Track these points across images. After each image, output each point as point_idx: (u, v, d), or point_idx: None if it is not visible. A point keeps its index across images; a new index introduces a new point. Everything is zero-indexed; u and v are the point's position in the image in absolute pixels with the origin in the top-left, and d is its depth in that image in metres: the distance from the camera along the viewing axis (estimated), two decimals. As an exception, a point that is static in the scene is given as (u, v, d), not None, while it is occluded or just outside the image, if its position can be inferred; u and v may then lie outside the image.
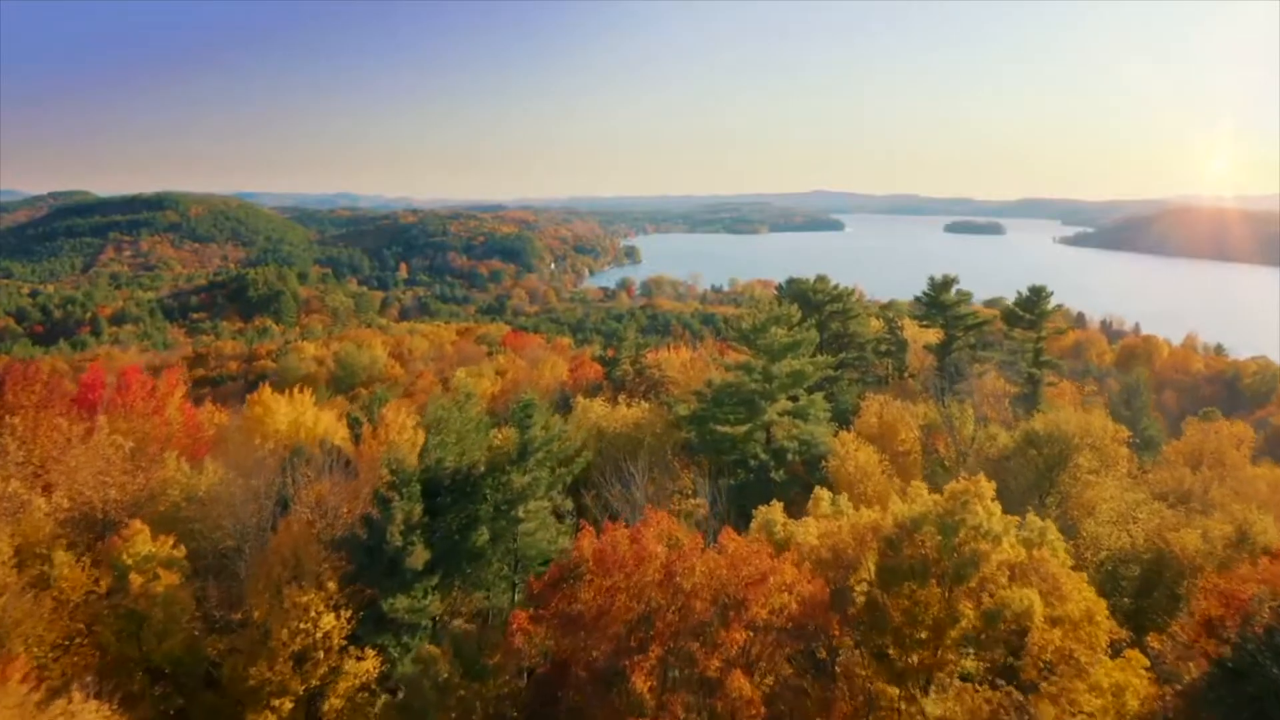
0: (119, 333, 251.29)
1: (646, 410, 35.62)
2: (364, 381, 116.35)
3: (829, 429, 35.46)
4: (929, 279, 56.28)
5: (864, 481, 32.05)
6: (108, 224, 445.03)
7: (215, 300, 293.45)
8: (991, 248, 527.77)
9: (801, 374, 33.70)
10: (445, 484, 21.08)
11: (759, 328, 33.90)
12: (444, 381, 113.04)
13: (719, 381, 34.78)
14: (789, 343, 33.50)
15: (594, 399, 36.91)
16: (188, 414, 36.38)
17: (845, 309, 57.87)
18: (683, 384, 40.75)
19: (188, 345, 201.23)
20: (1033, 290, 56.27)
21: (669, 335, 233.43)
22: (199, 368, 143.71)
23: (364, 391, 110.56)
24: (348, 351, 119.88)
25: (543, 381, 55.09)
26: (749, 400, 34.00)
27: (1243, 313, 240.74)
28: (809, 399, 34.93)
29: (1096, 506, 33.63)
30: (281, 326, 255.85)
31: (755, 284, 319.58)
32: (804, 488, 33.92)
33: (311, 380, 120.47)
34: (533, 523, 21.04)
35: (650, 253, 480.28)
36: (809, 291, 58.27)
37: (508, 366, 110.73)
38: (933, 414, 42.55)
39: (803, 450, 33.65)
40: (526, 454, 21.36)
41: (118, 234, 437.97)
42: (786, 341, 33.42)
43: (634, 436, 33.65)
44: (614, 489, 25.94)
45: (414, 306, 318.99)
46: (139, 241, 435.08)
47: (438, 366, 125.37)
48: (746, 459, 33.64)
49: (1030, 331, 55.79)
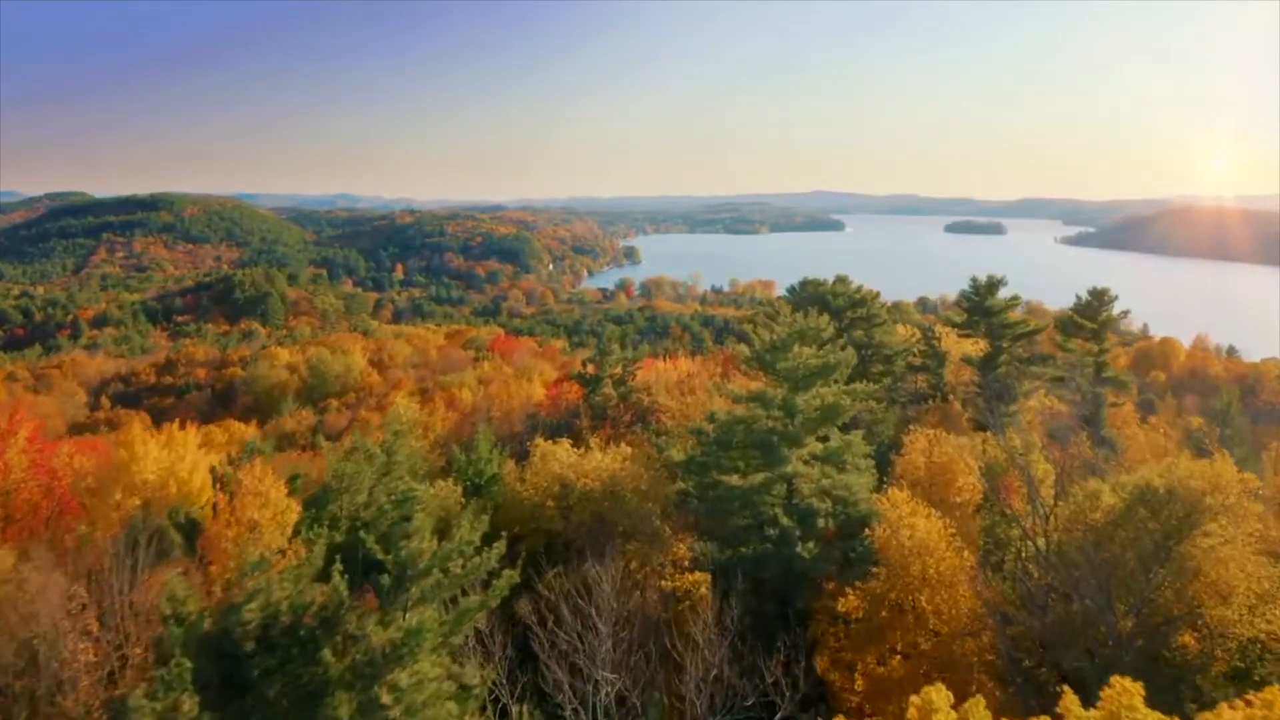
0: (98, 336, 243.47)
1: (627, 457, 26.91)
2: (337, 391, 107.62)
3: (870, 479, 26.67)
4: (971, 280, 47.47)
5: (922, 559, 23.42)
6: (101, 225, 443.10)
7: (201, 302, 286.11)
8: (993, 248, 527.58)
9: (835, 408, 24.99)
10: (268, 635, 12.24)
11: (778, 346, 25.16)
12: (422, 392, 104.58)
13: (724, 416, 26.07)
14: (818, 366, 24.81)
15: (562, 441, 28.07)
16: (36, 460, 27.96)
17: (870, 315, 49.13)
18: (678, 413, 32.17)
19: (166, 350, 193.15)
20: (1094, 294, 47.55)
21: (668, 338, 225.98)
22: (167, 375, 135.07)
23: (335, 403, 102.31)
24: (321, 358, 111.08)
25: (514, 402, 46.50)
26: (765, 442, 25.25)
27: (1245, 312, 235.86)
28: (844, 439, 26.19)
29: (1232, 588, 24.94)
30: (268, 329, 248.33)
31: (756, 284, 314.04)
32: (841, 562, 25.12)
33: (281, 389, 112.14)
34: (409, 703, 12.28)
35: (650, 253, 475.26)
36: (827, 295, 49.54)
37: (492, 375, 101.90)
38: (994, 450, 33.79)
39: (838, 512, 24.83)
40: (401, 586, 12.74)
41: (110, 235, 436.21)
42: (815, 364, 24.72)
43: (612, 492, 24.99)
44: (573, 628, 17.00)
45: (408, 308, 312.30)
46: (132, 242, 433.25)
47: (419, 374, 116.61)
48: (762, 522, 24.86)
49: (1091, 343, 47.09)
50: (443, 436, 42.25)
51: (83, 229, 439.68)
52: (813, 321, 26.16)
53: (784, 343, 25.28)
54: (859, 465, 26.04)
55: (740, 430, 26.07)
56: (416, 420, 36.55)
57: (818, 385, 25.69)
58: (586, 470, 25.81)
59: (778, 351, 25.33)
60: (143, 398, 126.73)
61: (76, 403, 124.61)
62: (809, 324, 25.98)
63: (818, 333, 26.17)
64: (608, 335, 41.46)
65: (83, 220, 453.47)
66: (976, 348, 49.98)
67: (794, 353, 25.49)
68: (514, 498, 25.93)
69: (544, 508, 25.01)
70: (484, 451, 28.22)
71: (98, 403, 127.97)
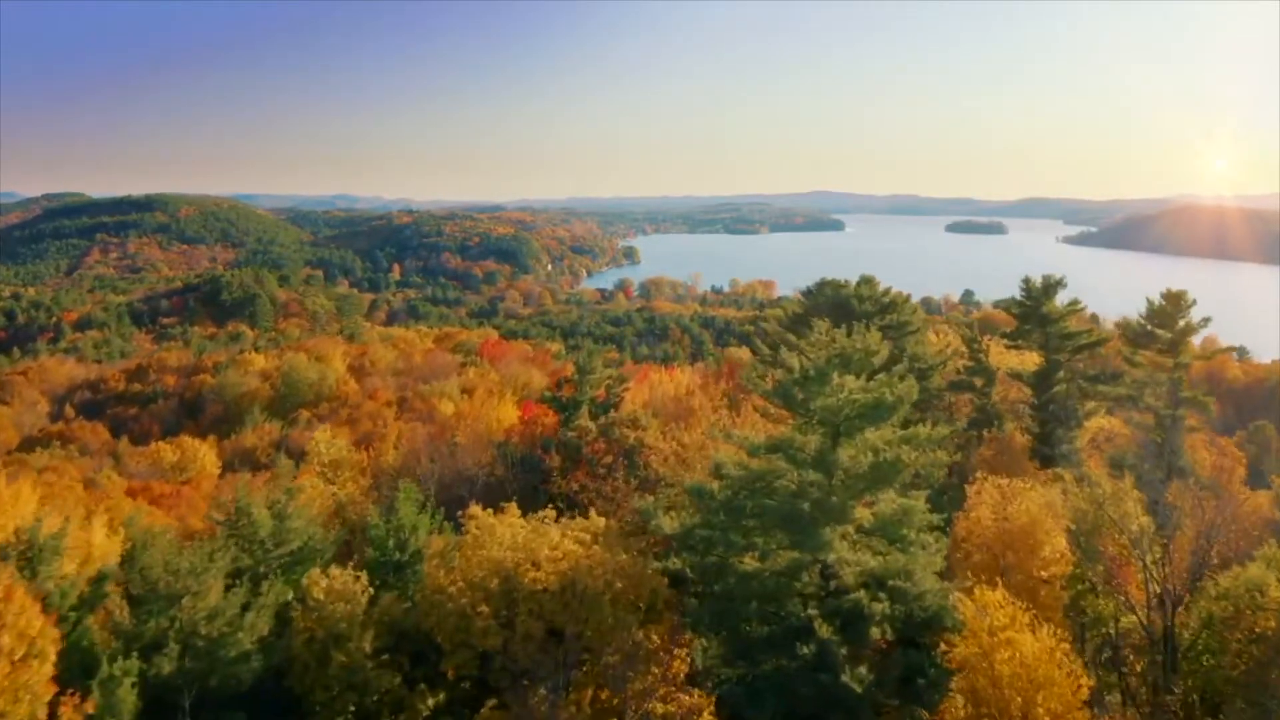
0: (79, 339, 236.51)
1: (596, 534, 19.15)
2: (311, 401, 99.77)
3: (937, 560, 19.04)
4: (1024, 281, 39.74)
5: (1027, 694, 15.86)
6: (95, 225, 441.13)
7: (187, 304, 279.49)
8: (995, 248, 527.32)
9: (892, 464, 17.43)
10: None
11: (811, 376, 17.58)
12: (400, 402, 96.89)
13: (735, 471, 18.56)
14: (869, 404, 17.25)
15: (507, 510, 20.17)
16: None
17: (901, 322, 41.54)
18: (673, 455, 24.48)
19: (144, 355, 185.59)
20: (1168, 299, 39.91)
21: (667, 340, 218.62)
22: (136, 382, 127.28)
23: (306, 414, 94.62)
24: (293, 366, 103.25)
25: (481, 428, 38.92)
26: (793, 512, 17.72)
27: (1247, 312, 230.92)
28: (901, 504, 18.60)
29: None
30: (256, 331, 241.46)
31: (756, 284, 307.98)
32: (902, 688, 17.46)
33: (251, 399, 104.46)
34: None
35: (649, 253, 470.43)
36: (850, 298, 41.97)
37: (476, 382, 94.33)
38: (1079, 499, 26.22)
39: (896, 613, 17.26)
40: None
41: (104, 235, 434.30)
42: (865, 401, 17.18)
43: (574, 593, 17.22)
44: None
45: (403, 309, 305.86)
46: (126, 243, 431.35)
47: (400, 381, 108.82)
48: (790, 629, 17.25)
49: (1165, 356, 39.48)
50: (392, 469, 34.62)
51: (76, 230, 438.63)
52: (860, 341, 18.50)
53: (820, 371, 17.68)
54: (922, 542, 18.41)
55: (758, 493, 18.51)
56: (343, 460, 29.00)
57: (867, 431, 18.11)
58: (538, 556, 18.17)
59: (811, 383, 17.76)
60: (108, 406, 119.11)
61: (38, 412, 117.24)
62: (855, 344, 18.33)
63: (867, 356, 18.51)
64: (588, 351, 33.75)
65: (77, 221, 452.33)
66: (1026, 361, 42.38)
67: (833, 385, 17.89)
68: (434, 598, 18.16)
69: (476, 615, 17.22)
70: (406, 517, 20.69)
71: (62, 412, 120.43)
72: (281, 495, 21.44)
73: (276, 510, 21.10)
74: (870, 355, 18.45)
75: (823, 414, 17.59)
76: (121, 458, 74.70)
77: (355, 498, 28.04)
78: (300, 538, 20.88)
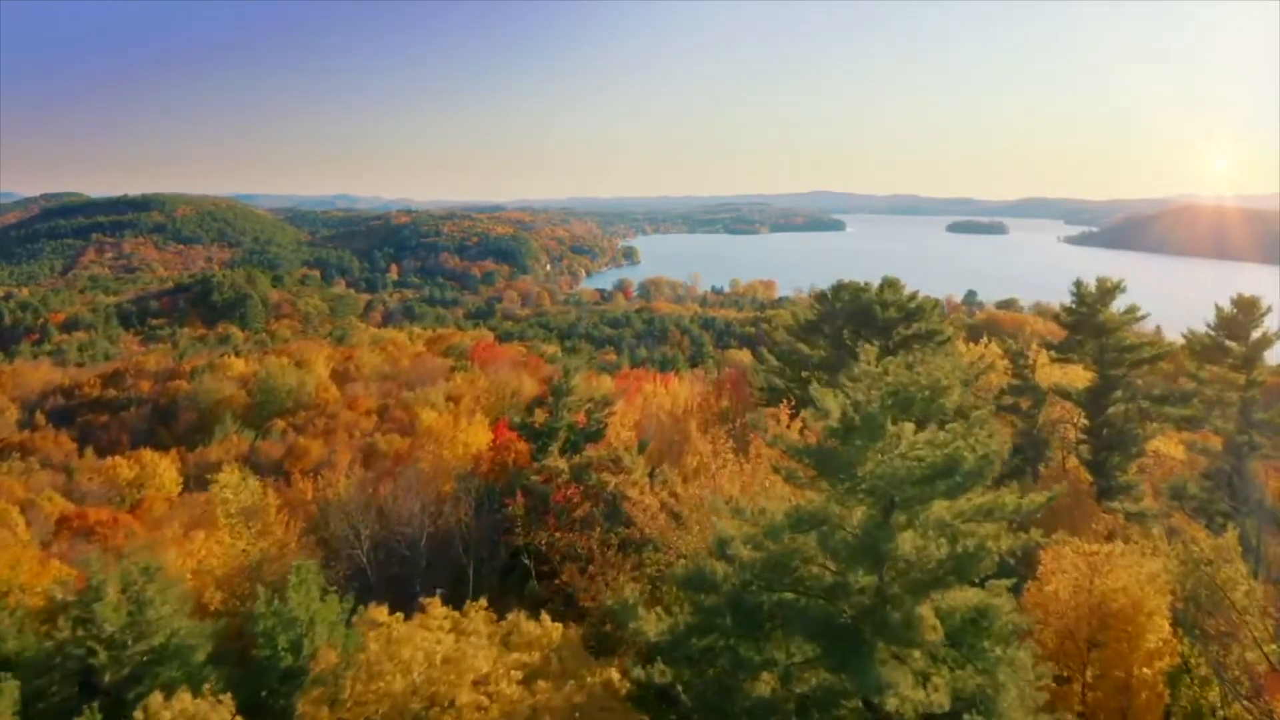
0: (65, 341, 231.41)
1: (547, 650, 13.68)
2: (289, 409, 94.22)
3: (1027, 679, 13.51)
4: (1076, 286, 34.14)
5: None
6: (91, 225, 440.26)
7: (177, 305, 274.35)
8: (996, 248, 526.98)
9: (978, 555, 11.99)
10: None
11: (858, 426, 12.02)
12: (382, 410, 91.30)
13: (745, 554, 13.15)
14: (941, 464, 11.86)
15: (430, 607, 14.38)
16: None
17: (930, 331, 36.12)
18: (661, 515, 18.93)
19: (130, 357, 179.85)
20: (1240, 305, 34.42)
21: (666, 342, 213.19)
22: (111, 387, 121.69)
23: (281, 424, 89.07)
24: (271, 371, 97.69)
25: (448, 456, 33.34)
26: (829, 625, 12.31)
27: None
28: (981, 600, 13.11)
29: None
30: (246, 333, 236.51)
31: (757, 284, 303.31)
32: None
33: (226, 407, 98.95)
34: None
35: (649, 253, 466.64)
36: (872, 304, 36.57)
37: (464, 389, 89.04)
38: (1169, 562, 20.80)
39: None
40: None
41: (100, 235, 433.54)
42: (935, 461, 11.79)
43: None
44: None
45: (399, 310, 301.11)
46: (122, 243, 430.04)
47: (385, 387, 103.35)
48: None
49: (1238, 372, 34.00)
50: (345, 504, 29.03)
51: (72, 230, 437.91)
52: (925, 374, 12.94)
53: (870, 420, 12.17)
54: (1010, 658, 12.90)
55: (778, 584, 13.01)
56: (252, 508, 23.39)
57: (935, 503, 12.66)
58: (458, 694, 12.60)
59: (857, 437, 12.29)
60: (81, 413, 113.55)
61: (6, 420, 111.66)
62: (917, 379, 12.76)
63: (934, 396, 12.90)
64: (565, 368, 28.07)
65: (73, 221, 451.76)
66: (1071, 375, 36.92)
67: (886, 438, 12.44)
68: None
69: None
70: (299, 606, 15.18)
71: (33, 419, 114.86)
72: (137, 574, 15.94)
73: (132, 594, 15.69)
74: (939, 395, 12.91)
75: (876, 482, 12.13)
76: (75, 473, 69.01)
77: (274, 554, 22.46)
78: (163, 631, 15.41)
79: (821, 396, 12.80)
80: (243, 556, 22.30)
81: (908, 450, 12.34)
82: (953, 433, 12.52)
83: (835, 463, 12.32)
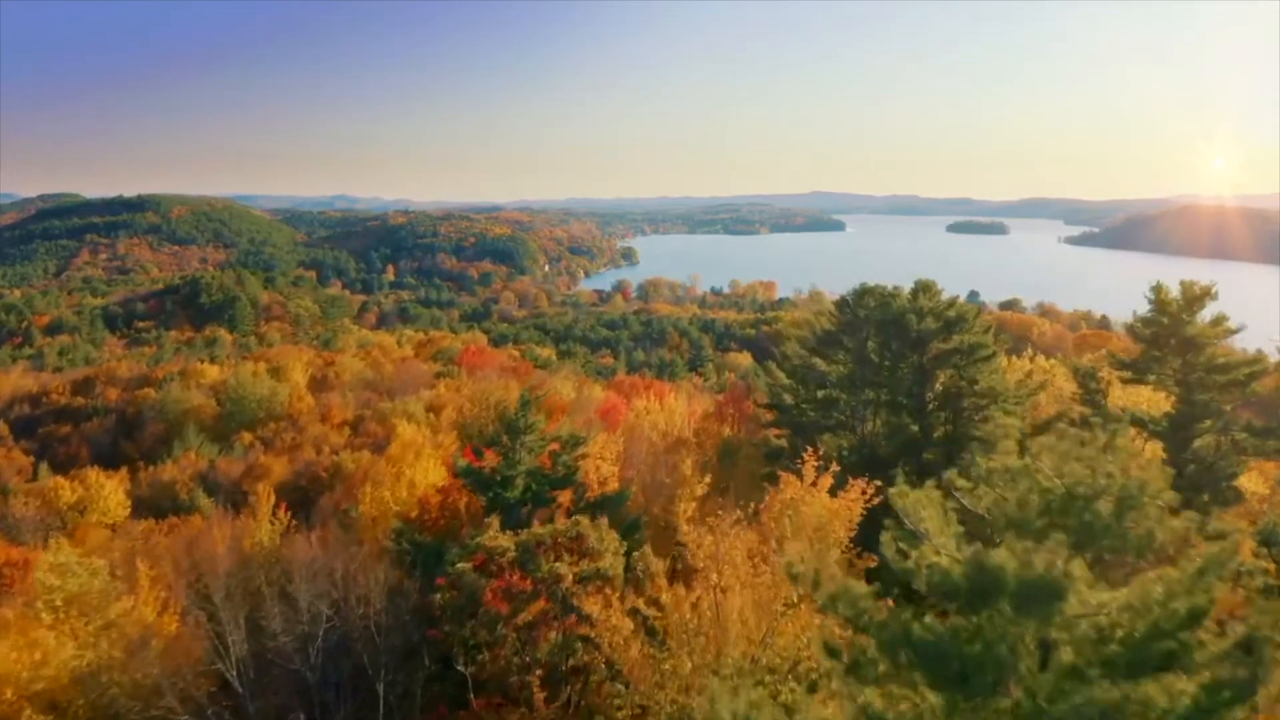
0: (49, 344, 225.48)
1: None
2: (259, 420, 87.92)
3: None
4: (1153, 292, 28.03)
5: None
6: (85, 226, 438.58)
7: (165, 307, 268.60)
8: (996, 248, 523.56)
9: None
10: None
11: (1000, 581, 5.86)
12: (355, 423, 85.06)
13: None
14: (1163, 648, 5.90)
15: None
16: None
17: (972, 345, 29.93)
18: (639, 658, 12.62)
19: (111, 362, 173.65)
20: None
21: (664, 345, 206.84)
22: (80, 395, 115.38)
23: (247, 437, 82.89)
24: (241, 379, 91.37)
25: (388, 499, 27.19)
26: None
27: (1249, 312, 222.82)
28: None
29: None
30: (234, 336, 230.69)
31: (757, 285, 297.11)
32: None
33: (194, 417, 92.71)
34: None
35: (648, 254, 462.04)
36: (904, 314, 30.43)
37: (447, 399, 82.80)
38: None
39: None
40: None
41: (94, 236, 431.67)
42: (1150, 641, 5.86)
43: None
44: None
45: (394, 312, 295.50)
46: (116, 244, 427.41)
47: (364, 396, 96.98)
48: None
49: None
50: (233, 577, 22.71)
51: (66, 230, 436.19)
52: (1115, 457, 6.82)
53: (1026, 569, 6.02)
54: None
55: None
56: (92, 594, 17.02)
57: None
58: None
59: (992, 605, 6.14)
60: (43, 423, 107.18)
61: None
62: (1092, 479, 6.54)
63: (1126, 509, 6.74)
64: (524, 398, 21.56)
65: (67, 221, 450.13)
66: (1143, 398, 30.80)
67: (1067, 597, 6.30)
68: None
69: None
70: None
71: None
72: None
73: None
74: (1153, 497, 6.67)
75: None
76: (13, 496, 62.52)
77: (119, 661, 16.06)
78: None
79: (914, 505, 6.62)
80: (77, 661, 16.02)
81: (1098, 616, 6.12)
82: (1182, 579, 6.27)
83: (956, 664, 6.07)
